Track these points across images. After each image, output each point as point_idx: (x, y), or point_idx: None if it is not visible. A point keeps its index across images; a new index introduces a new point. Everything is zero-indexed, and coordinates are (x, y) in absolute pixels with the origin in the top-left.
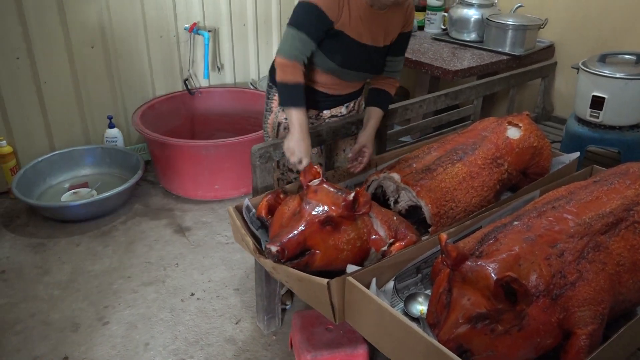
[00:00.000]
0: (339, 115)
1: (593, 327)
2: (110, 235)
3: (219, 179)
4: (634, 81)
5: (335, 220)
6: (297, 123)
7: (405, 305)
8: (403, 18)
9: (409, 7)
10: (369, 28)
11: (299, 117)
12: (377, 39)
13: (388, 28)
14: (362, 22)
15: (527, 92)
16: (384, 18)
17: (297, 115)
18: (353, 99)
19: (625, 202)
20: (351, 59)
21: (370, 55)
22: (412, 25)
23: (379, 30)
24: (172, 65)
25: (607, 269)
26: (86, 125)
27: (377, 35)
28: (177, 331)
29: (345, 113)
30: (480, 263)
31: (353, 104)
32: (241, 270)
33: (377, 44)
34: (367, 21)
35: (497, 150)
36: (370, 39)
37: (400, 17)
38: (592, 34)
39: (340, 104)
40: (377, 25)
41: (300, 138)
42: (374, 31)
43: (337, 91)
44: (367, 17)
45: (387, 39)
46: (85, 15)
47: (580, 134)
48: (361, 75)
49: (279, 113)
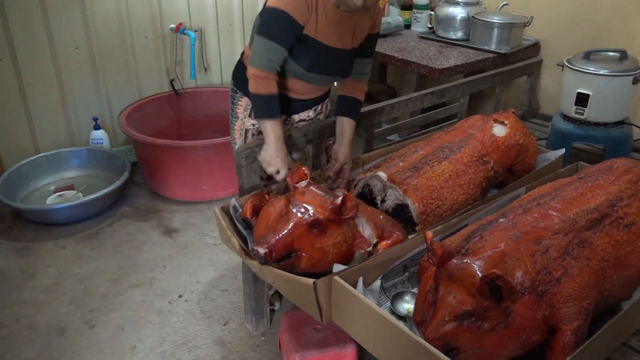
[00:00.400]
0: (307, 119)
1: (578, 323)
2: (96, 237)
3: (207, 180)
4: (618, 78)
5: (322, 223)
6: (273, 135)
7: (392, 304)
8: (370, 20)
9: (376, 8)
10: (336, 31)
11: (274, 129)
12: (345, 42)
13: (356, 30)
14: (329, 25)
15: (513, 90)
16: (351, 20)
17: (272, 126)
18: (321, 101)
19: (609, 198)
20: (319, 63)
21: (338, 59)
22: (380, 26)
23: (347, 32)
24: (158, 66)
25: (591, 265)
26: (71, 127)
27: (345, 38)
28: (165, 333)
29: (313, 117)
30: (465, 261)
31: (321, 106)
32: (229, 271)
33: (345, 47)
34: (334, 24)
35: (483, 148)
36: (338, 42)
37: (368, 19)
38: (577, 31)
39: (308, 108)
40: (345, 27)
41: (277, 149)
42: (342, 34)
43: (306, 95)
44: (335, 20)
45: (355, 41)
46: (68, 15)
47: (565, 130)
48: (329, 79)
49: (245, 119)
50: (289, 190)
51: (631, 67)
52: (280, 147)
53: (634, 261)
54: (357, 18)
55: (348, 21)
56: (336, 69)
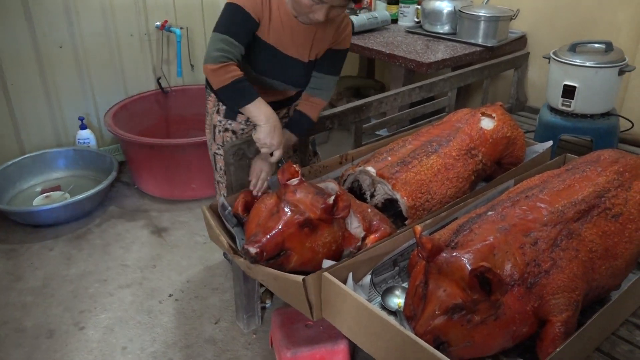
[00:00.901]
0: None
1: (568, 314)
2: (85, 238)
3: (196, 178)
4: (604, 69)
5: (313, 223)
6: (262, 114)
7: (383, 299)
8: (335, 33)
9: (343, 24)
10: (292, 39)
11: (260, 109)
12: (302, 53)
13: (315, 42)
14: (284, 31)
15: (500, 83)
16: (310, 31)
17: (256, 107)
18: (285, 106)
19: (597, 189)
20: (272, 68)
21: (292, 68)
22: (347, 44)
23: (304, 43)
24: (145, 64)
25: (580, 256)
26: (57, 127)
27: (302, 49)
28: (156, 333)
29: None
30: (455, 254)
31: (286, 110)
32: (219, 269)
33: (301, 58)
34: (291, 32)
35: (471, 141)
36: (294, 50)
37: (331, 32)
38: (563, 24)
39: None
40: (303, 38)
41: (269, 129)
42: (299, 44)
43: (266, 97)
44: (292, 28)
45: (312, 54)
46: (52, 14)
47: (553, 123)
48: (284, 86)
49: (214, 115)
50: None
51: (617, 59)
52: (272, 127)
53: (622, 251)
54: (319, 30)
55: (307, 32)
56: (290, 78)
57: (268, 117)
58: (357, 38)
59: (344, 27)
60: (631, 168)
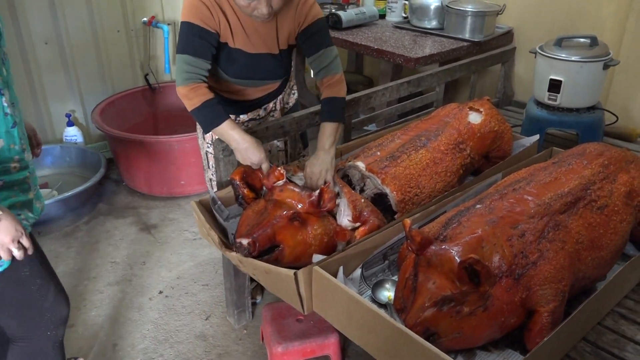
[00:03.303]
0: (257, 117)
1: (554, 305)
2: (73, 236)
3: (185, 175)
4: (589, 64)
5: (302, 216)
6: (235, 134)
7: (373, 292)
8: (295, 18)
9: (300, 4)
10: (257, 37)
11: (231, 129)
12: (270, 46)
13: (280, 32)
14: (247, 32)
15: (488, 78)
16: (270, 25)
17: (228, 128)
18: (270, 100)
19: (582, 182)
20: (245, 70)
21: (265, 63)
22: (318, 13)
23: (269, 36)
24: (132, 60)
25: (566, 248)
26: (43, 124)
27: (269, 42)
28: (146, 330)
29: (264, 115)
30: (444, 247)
31: (272, 104)
32: (210, 265)
33: (271, 51)
34: (253, 30)
35: (459, 136)
36: (261, 46)
37: (291, 15)
38: (549, 18)
39: (257, 107)
40: (266, 32)
41: (246, 147)
42: (265, 38)
43: (249, 96)
44: (253, 26)
45: (282, 43)
46: (37, 10)
47: (539, 117)
48: (262, 83)
49: (203, 142)
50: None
51: (601, 53)
52: (245, 148)
53: (607, 243)
54: (278, 18)
55: (267, 26)
56: (266, 74)
57: (237, 140)
58: (346, 33)
59: (302, 3)
60: (616, 161)
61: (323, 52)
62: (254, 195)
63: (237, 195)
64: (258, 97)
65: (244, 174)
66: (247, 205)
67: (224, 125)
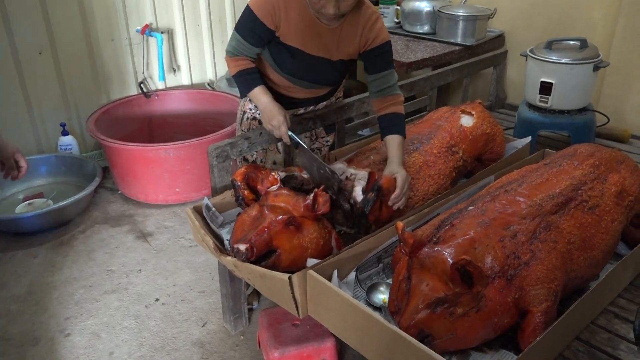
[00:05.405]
0: (293, 115)
1: (547, 305)
2: (69, 245)
3: (180, 182)
4: (579, 66)
5: (297, 220)
6: (263, 97)
7: (368, 295)
8: (363, 33)
9: (371, 22)
10: (317, 39)
11: (261, 94)
12: (329, 52)
13: (341, 42)
14: (308, 32)
15: (480, 81)
16: (335, 32)
17: (259, 93)
18: (313, 103)
19: (573, 182)
20: (298, 69)
21: (319, 67)
22: (384, 37)
23: (331, 42)
24: (126, 69)
25: (558, 248)
26: (38, 134)
27: (329, 48)
28: (143, 338)
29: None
30: (436, 249)
31: (313, 107)
32: (206, 272)
33: (329, 57)
34: (315, 33)
35: (451, 139)
36: (321, 49)
37: (358, 31)
38: (540, 22)
39: (298, 107)
40: (328, 38)
41: (271, 109)
42: (325, 43)
43: (293, 94)
44: (316, 29)
45: (342, 54)
46: (30, 20)
47: (531, 119)
48: (313, 85)
49: (246, 102)
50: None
51: (591, 55)
52: (273, 106)
53: (599, 242)
54: (343, 30)
55: (332, 32)
56: (319, 77)
57: (265, 103)
58: None
59: (372, 23)
60: (606, 161)
61: (387, 74)
62: (254, 197)
63: (238, 196)
64: (303, 97)
65: (245, 175)
66: (245, 207)
67: (256, 89)
